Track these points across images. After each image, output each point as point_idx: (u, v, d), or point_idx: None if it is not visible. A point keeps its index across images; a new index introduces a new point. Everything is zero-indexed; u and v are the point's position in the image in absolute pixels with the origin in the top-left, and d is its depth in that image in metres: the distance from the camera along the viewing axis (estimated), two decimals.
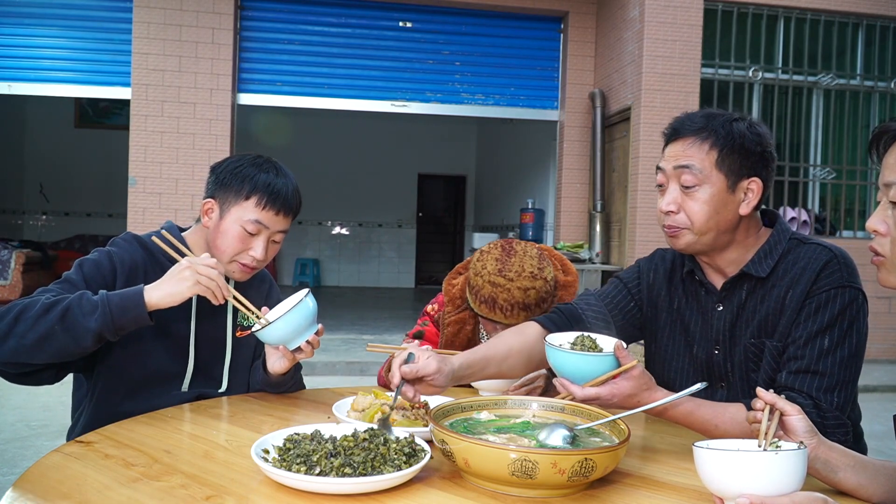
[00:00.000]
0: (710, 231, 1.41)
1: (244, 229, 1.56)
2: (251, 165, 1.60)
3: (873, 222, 1.06)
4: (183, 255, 1.50)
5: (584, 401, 1.25)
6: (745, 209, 1.42)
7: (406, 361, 1.27)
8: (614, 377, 1.23)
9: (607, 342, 1.30)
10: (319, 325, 1.52)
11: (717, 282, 1.50)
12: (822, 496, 0.92)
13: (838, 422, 1.32)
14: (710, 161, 1.39)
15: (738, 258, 1.46)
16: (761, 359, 1.43)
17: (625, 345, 1.27)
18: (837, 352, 1.34)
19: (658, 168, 1.46)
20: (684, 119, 1.45)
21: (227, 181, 1.59)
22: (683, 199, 1.41)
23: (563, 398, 1.29)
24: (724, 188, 1.39)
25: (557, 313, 1.55)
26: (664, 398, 1.24)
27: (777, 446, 0.98)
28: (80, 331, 1.36)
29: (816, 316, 1.35)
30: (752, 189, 1.41)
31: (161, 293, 1.41)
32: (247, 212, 1.56)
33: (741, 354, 1.45)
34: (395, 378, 1.27)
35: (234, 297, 1.49)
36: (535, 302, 1.73)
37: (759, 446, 0.99)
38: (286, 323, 1.45)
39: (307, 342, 1.50)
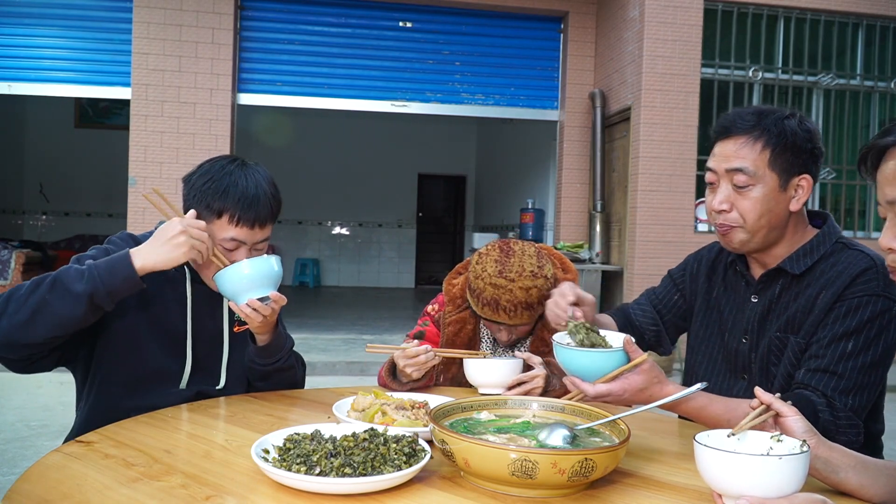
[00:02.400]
0: (762, 228, 1.43)
1: (222, 247, 1.53)
2: (221, 176, 1.55)
3: (887, 240, 1.05)
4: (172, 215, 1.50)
5: (596, 398, 1.24)
6: (795, 205, 1.43)
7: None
8: (624, 372, 1.23)
9: (615, 337, 1.30)
10: (273, 292, 1.50)
11: (758, 275, 1.53)
12: (821, 497, 0.92)
13: (851, 422, 1.32)
14: (762, 161, 1.40)
15: (785, 254, 1.48)
16: (783, 353, 1.44)
17: (633, 339, 1.27)
18: (860, 357, 1.34)
19: (708, 168, 1.47)
20: (735, 117, 1.45)
21: (198, 197, 1.55)
22: (736, 197, 1.43)
23: (572, 397, 1.28)
24: (776, 187, 1.41)
25: (618, 313, 1.77)
26: (676, 393, 1.24)
27: (779, 440, 0.99)
28: (71, 297, 1.35)
29: (844, 319, 1.36)
30: (803, 186, 1.43)
31: (156, 259, 1.41)
32: (221, 230, 1.53)
33: (765, 347, 1.47)
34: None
35: (214, 254, 1.51)
36: (537, 300, 1.73)
37: (729, 436, 0.99)
38: (237, 271, 1.46)
39: (251, 307, 1.47)
